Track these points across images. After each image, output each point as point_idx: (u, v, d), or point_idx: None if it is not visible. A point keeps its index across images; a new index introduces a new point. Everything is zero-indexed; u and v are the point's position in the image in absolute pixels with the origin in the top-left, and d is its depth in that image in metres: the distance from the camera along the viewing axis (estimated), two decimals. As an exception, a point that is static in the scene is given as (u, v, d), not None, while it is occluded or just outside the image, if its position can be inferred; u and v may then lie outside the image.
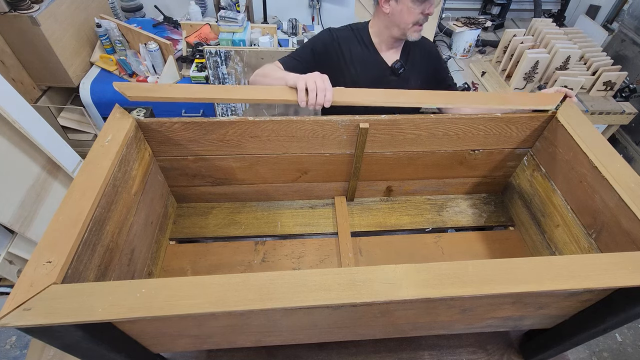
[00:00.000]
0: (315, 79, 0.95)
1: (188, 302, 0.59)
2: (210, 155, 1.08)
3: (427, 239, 1.21)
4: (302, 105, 0.97)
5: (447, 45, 2.52)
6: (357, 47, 1.25)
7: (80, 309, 0.57)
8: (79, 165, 1.63)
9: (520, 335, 1.05)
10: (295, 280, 0.62)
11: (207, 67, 2.06)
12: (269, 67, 1.15)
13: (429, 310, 0.75)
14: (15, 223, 1.39)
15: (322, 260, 1.13)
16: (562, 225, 1.03)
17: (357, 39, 1.26)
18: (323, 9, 2.75)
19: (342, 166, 1.16)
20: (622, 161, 0.89)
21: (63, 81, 2.07)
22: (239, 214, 1.24)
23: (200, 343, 0.82)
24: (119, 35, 2.11)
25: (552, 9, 2.86)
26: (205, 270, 1.10)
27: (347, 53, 1.24)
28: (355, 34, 1.26)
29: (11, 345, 1.79)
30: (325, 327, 0.78)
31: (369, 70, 1.26)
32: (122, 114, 0.93)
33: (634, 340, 1.93)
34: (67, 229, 0.68)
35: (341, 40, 1.24)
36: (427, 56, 1.32)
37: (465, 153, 1.15)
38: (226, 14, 2.13)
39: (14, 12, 1.76)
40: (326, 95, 0.95)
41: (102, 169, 0.79)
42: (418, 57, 1.31)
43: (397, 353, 1.01)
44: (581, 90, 2.10)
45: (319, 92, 0.95)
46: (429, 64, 1.33)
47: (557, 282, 0.63)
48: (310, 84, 0.95)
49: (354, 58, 1.25)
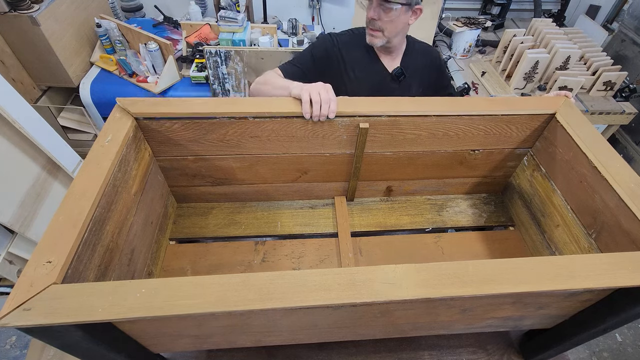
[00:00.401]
0: (319, 90, 0.94)
1: (188, 302, 0.59)
2: (210, 155, 1.08)
3: (427, 239, 1.21)
4: (306, 117, 0.96)
5: (447, 45, 2.52)
6: (358, 53, 1.23)
7: (80, 309, 0.57)
8: (79, 165, 1.63)
9: (520, 335, 1.05)
10: (295, 280, 0.62)
11: (207, 67, 2.06)
12: (270, 75, 1.14)
13: (429, 310, 0.75)
14: (15, 223, 1.39)
15: (322, 260, 1.13)
16: (562, 225, 1.03)
17: (358, 44, 1.23)
18: (323, 9, 2.75)
19: (342, 166, 1.16)
20: (622, 161, 0.89)
21: (63, 81, 2.07)
22: (239, 214, 1.24)
23: (200, 343, 0.82)
24: (119, 35, 2.11)
25: (552, 9, 2.86)
26: (205, 270, 1.10)
27: (348, 58, 1.22)
28: (356, 39, 1.23)
29: (11, 345, 1.79)
30: (325, 327, 0.78)
31: (369, 76, 1.24)
32: (122, 114, 0.93)
33: (634, 340, 1.93)
34: (67, 229, 0.68)
35: (342, 45, 1.22)
36: (430, 64, 1.30)
37: (465, 153, 1.15)
38: (226, 14, 2.13)
39: (14, 12, 1.76)
40: (330, 106, 0.94)
41: (102, 169, 0.79)
42: (420, 64, 1.28)
43: (397, 353, 1.01)
44: (581, 90, 2.10)
45: (323, 103, 0.94)
46: (431, 71, 1.31)
47: (557, 282, 0.63)
48: (314, 95, 0.93)
49: (354, 64, 1.23)
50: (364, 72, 1.24)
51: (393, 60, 1.26)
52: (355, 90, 1.23)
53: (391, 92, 1.26)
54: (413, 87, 1.29)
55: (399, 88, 1.27)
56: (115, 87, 2.09)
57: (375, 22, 1.12)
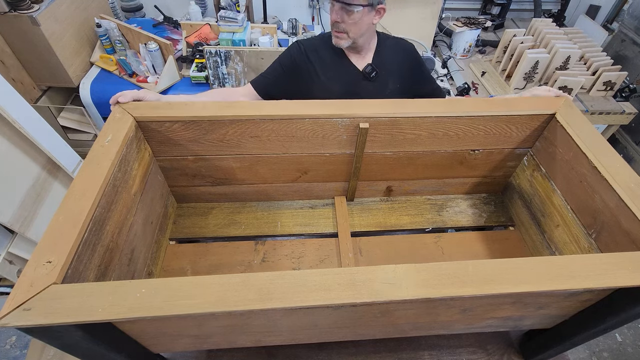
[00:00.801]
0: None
1: (188, 302, 0.59)
2: (210, 155, 1.08)
3: (427, 239, 1.21)
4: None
5: (447, 45, 2.52)
6: (327, 55, 1.22)
7: (80, 309, 0.57)
8: (79, 165, 1.63)
9: (520, 335, 1.05)
10: (295, 280, 0.62)
11: (207, 67, 2.06)
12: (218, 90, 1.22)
13: (429, 310, 0.75)
14: (15, 223, 1.39)
15: (322, 260, 1.13)
16: (562, 225, 1.03)
17: (327, 46, 1.22)
18: (323, 9, 2.75)
19: (342, 166, 1.16)
20: (622, 161, 0.89)
21: (63, 81, 2.07)
22: (239, 214, 1.24)
23: (200, 343, 0.82)
24: (119, 35, 2.11)
25: (552, 9, 2.86)
26: (205, 270, 1.10)
27: (317, 62, 1.22)
28: (325, 42, 1.23)
29: (11, 345, 1.79)
30: (325, 327, 0.78)
31: (341, 77, 1.23)
32: (122, 114, 0.93)
33: (634, 340, 1.93)
34: (67, 229, 0.68)
35: (309, 50, 1.22)
36: (404, 58, 1.28)
37: (465, 153, 1.15)
38: (226, 14, 2.12)
39: (14, 12, 1.76)
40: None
41: (102, 169, 0.79)
42: (394, 60, 1.26)
43: (397, 353, 1.01)
44: (581, 90, 2.10)
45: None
46: (407, 65, 1.28)
47: (557, 282, 0.63)
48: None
49: (324, 66, 1.22)
50: (335, 73, 1.23)
51: (363, 58, 1.24)
52: (328, 92, 1.22)
53: (365, 90, 1.24)
54: (389, 84, 1.27)
55: (373, 86, 1.25)
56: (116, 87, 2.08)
57: (339, 25, 1.12)
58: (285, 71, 1.23)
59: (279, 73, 1.23)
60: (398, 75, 1.27)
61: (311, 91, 1.23)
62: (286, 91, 1.24)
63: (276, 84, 1.23)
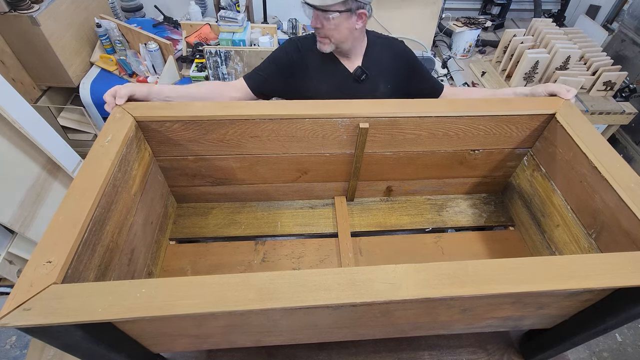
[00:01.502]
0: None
1: (188, 302, 0.59)
2: (210, 155, 1.08)
3: (427, 239, 1.21)
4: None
5: (447, 45, 2.52)
6: (319, 56, 1.21)
7: (80, 309, 0.57)
8: (79, 165, 1.63)
9: (520, 335, 1.05)
10: (295, 280, 0.62)
11: (207, 67, 2.06)
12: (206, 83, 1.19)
13: (429, 310, 0.75)
14: (15, 223, 1.39)
15: (322, 260, 1.13)
16: (562, 225, 1.03)
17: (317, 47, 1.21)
18: (323, 9, 2.74)
19: (342, 166, 1.16)
20: (622, 161, 0.89)
21: (63, 81, 2.07)
22: (239, 214, 1.24)
23: (200, 343, 0.82)
24: (119, 35, 2.11)
25: (552, 9, 2.86)
26: (205, 270, 1.10)
27: (310, 62, 1.21)
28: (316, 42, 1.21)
29: (11, 345, 1.79)
30: (325, 327, 0.78)
31: (331, 79, 1.22)
32: (122, 114, 0.93)
33: (634, 340, 1.93)
34: (67, 229, 0.68)
35: (305, 50, 1.21)
36: (395, 58, 1.25)
37: (465, 153, 1.15)
38: (226, 14, 2.12)
39: (14, 12, 1.76)
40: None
41: (102, 169, 0.79)
42: (385, 61, 1.24)
43: (397, 353, 1.01)
44: (581, 90, 2.10)
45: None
46: (399, 64, 1.26)
47: (557, 282, 0.63)
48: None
49: (316, 67, 1.21)
50: (326, 75, 1.22)
51: (353, 61, 1.23)
52: (319, 93, 1.21)
53: (356, 92, 1.22)
54: (380, 85, 1.25)
55: (364, 88, 1.23)
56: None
57: (319, 30, 1.12)
58: (280, 69, 1.21)
59: (272, 71, 1.21)
60: (389, 76, 1.25)
61: (303, 91, 1.22)
62: (278, 90, 1.24)
63: (269, 83, 1.21)
